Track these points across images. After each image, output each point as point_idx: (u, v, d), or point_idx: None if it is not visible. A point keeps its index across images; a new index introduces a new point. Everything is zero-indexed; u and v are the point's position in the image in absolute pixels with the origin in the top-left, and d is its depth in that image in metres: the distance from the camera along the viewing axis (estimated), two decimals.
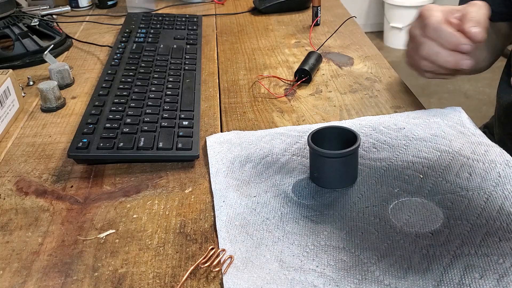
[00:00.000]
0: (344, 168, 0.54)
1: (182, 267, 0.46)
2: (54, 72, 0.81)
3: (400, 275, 0.43)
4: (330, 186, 0.54)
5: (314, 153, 0.54)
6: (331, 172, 0.54)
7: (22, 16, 0.98)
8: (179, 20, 1.03)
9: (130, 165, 0.61)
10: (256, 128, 0.68)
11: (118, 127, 0.63)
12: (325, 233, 0.48)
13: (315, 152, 0.53)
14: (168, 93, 0.72)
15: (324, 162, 0.53)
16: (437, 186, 0.53)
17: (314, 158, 0.54)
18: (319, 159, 0.54)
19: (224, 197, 0.53)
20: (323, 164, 0.53)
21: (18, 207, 0.55)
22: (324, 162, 0.53)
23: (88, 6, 1.25)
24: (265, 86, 0.79)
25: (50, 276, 0.46)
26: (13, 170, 0.62)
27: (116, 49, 0.87)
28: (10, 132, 0.70)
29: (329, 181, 0.54)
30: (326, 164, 0.53)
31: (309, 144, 0.53)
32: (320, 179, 0.54)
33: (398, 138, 0.61)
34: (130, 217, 0.53)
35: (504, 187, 0.52)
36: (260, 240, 0.48)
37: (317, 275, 0.43)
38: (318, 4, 1.02)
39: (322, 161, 0.53)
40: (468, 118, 0.65)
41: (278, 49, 0.94)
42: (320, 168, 0.54)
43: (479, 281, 0.42)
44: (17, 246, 0.50)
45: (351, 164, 0.54)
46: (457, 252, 0.45)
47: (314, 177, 0.55)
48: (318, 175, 0.54)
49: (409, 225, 0.48)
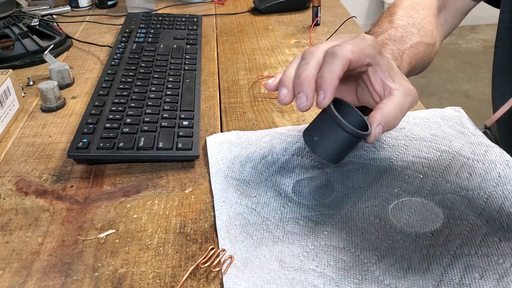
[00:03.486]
0: (347, 146, 0.51)
1: (182, 267, 0.46)
2: (54, 72, 0.81)
3: (400, 275, 0.43)
4: (322, 155, 0.50)
5: (329, 118, 0.49)
6: (335, 144, 0.50)
7: (22, 16, 0.98)
8: (179, 20, 1.03)
9: (130, 165, 0.61)
10: (256, 128, 0.68)
11: (118, 127, 0.63)
12: (325, 233, 0.48)
13: (333, 119, 0.49)
14: (168, 93, 0.72)
15: (336, 132, 0.49)
16: (437, 186, 0.53)
17: (326, 123, 0.50)
18: (331, 126, 0.49)
19: (224, 197, 0.53)
20: (334, 133, 0.49)
21: (18, 207, 0.55)
22: (335, 132, 0.49)
23: (88, 6, 1.25)
24: (265, 86, 0.79)
25: (50, 276, 0.46)
26: (13, 170, 0.62)
27: (116, 49, 0.87)
28: (10, 132, 0.70)
29: (325, 150, 0.50)
30: (337, 135, 0.49)
31: (330, 109, 0.49)
32: (317, 144, 0.50)
33: (398, 138, 0.61)
34: (130, 217, 0.53)
35: (504, 187, 0.52)
36: (260, 240, 0.48)
37: (317, 275, 0.43)
38: (318, 4, 1.02)
39: (334, 130, 0.49)
40: (468, 118, 0.65)
41: (278, 49, 0.94)
42: (326, 135, 0.50)
43: (479, 281, 0.42)
44: (17, 246, 0.50)
45: (352, 146, 0.52)
46: (457, 252, 0.45)
47: (311, 140, 0.51)
48: (319, 140, 0.50)
49: (409, 225, 0.48)
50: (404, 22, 0.70)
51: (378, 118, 0.50)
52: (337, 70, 0.47)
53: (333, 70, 0.47)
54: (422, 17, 0.73)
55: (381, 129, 0.50)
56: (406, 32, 0.67)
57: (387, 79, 0.52)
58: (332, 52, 0.48)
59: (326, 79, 0.47)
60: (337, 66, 0.47)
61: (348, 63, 0.48)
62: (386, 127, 0.51)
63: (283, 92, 0.50)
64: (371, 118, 0.50)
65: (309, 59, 0.49)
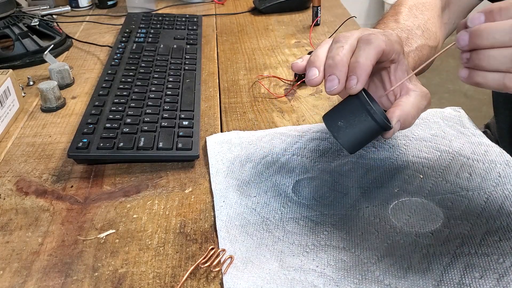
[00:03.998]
0: (370, 137, 0.49)
1: (182, 267, 0.46)
2: (54, 72, 0.81)
3: (400, 275, 0.43)
4: (343, 141, 0.49)
5: (359, 105, 0.48)
6: (360, 132, 0.48)
7: (22, 16, 0.98)
8: (179, 20, 1.03)
9: (130, 165, 0.61)
10: (256, 128, 0.68)
11: (118, 127, 0.63)
12: (325, 233, 0.48)
13: (365, 106, 0.47)
14: (168, 93, 0.72)
15: (365, 120, 0.48)
16: (437, 186, 0.53)
17: (355, 109, 0.48)
18: (360, 113, 0.48)
19: (224, 197, 0.53)
20: (362, 121, 0.48)
21: (18, 207, 0.55)
22: (363, 119, 0.48)
23: (88, 6, 1.25)
24: (265, 86, 0.79)
25: (50, 276, 0.46)
26: (13, 170, 0.62)
27: (116, 49, 0.87)
28: (10, 132, 0.70)
29: (348, 137, 0.49)
30: (365, 123, 0.48)
31: (362, 95, 0.47)
32: (341, 130, 0.49)
33: (398, 138, 0.61)
34: (130, 217, 0.53)
35: (504, 187, 0.52)
36: (260, 240, 0.48)
37: (317, 275, 0.43)
38: (318, 4, 1.02)
39: (363, 118, 0.48)
40: (468, 118, 0.65)
41: (278, 49, 0.94)
42: (352, 122, 0.48)
43: (479, 281, 0.42)
44: (17, 246, 0.50)
45: (374, 137, 0.50)
46: (457, 252, 0.45)
47: (335, 125, 0.49)
48: (344, 125, 0.48)
49: (409, 225, 0.48)
50: (410, 23, 0.70)
51: (397, 114, 0.50)
52: (372, 57, 0.47)
53: (368, 56, 0.47)
54: (427, 18, 0.73)
55: (399, 126, 0.50)
56: (411, 34, 0.67)
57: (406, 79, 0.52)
58: (367, 39, 0.48)
59: (361, 64, 0.46)
60: (372, 53, 0.47)
61: (382, 52, 0.48)
62: (403, 125, 0.50)
63: (314, 73, 0.48)
64: (390, 113, 0.50)
65: (344, 43, 0.48)
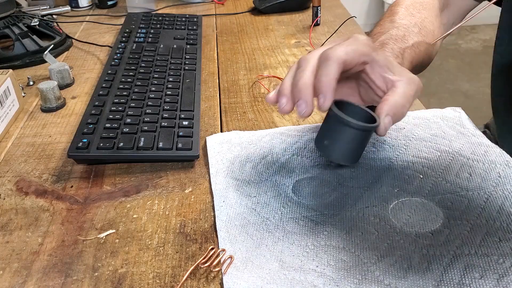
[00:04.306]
0: (360, 143, 0.51)
1: (182, 267, 0.46)
2: (54, 72, 0.81)
3: (400, 275, 0.43)
4: (337, 158, 0.51)
5: (334, 119, 0.50)
6: (347, 143, 0.50)
7: (22, 16, 0.98)
8: (179, 20, 1.03)
9: (130, 165, 0.61)
10: (256, 128, 0.68)
11: (118, 127, 0.63)
12: (325, 233, 0.48)
13: (338, 118, 0.49)
14: (168, 93, 0.72)
15: (344, 131, 0.49)
16: (437, 186, 0.53)
17: (332, 124, 0.50)
18: (338, 127, 0.49)
19: (224, 197, 0.53)
20: (342, 132, 0.49)
21: (18, 207, 0.55)
22: (343, 131, 0.49)
23: (88, 6, 1.25)
24: (265, 86, 0.79)
25: (50, 276, 0.46)
26: (13, 170, 0.62)
27: (116, 49, 0.87)
28: (10, 132, 0.70)
29: (339, 152, 0.50)
30: (346, 134, 0.49)
31: (333, 109, 0.49)
32: (329, 148, 0.50)
33: (398, 138, 0.61)
34: (130, 217, 0.53)
35: (504, 187, 0.52)
36: (260, 240, 0.48)
37: (317, 275, 0.43)
38: (318, 4, 1.02)
39: (342, 130, 0.49)
40: (468, 118, 0.65)
41: (278, 49, 0.94)
42: (336, 137, 0.50)
43: (479, 281, 0.42)
44: (17, 246, 0.50)
45: (365, 142, 0.51)
46: (457, 252, 0.45)
47: (322, 146, 0.51)
48: (330, 143, 0.50)
49: (409, 225, 0.48)
50: (406, 21, 0.70)
51: (385, 109, 0.50)
52: (332, 72, 0.48)
53: (329, 72, 0.48)
54: (424, 16, 0.74)
55: (390, 119, 0.50)
56: (407, 31, 0.68)
57: (387, 73, 0.52)
58: (325, 55, 0.49)
59: (323, 82, 0.48)
60: (332, 68, 0.48)
61: (343, 63, 0.49)
62: (395, 117, 0.51)
63: (282, 102, 0.50)
64: (379, 110, 0.51)
65: (305, 66, 0.50)
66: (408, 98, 0.52)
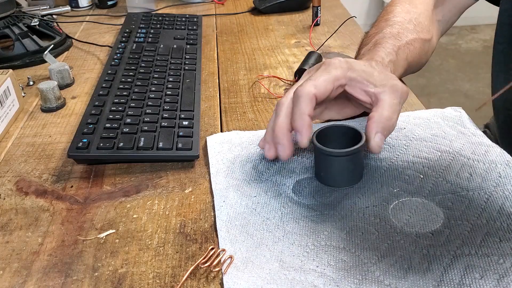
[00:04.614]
0: (351, 166, 0.53)
1: (182, 267, 0.46)
2: (54, 72, 0.81)
3: (401, 275, 0.43)
4: (337, 184, 0.54)
5: (319, 153, 0.53)
6: (339, 171, 0.53)
7: (22, 16, 0.98)
8: (179, 20, 1.03)
9: (130, 165, 0.61)
10: (256, 128, 0.68)
11: (118, 127, 0.63)
12: (325, 233, 0.48)
13: (321, 152, 0.52)
14: (168, 93, 0.72)
15: (331, 161, 0.52)
16: (437, 186, 0.53)
17: (320, 157, 0.54)
18: (325, 158, 0.53)
19: (225, 197, 0.53)
20: (330, 163, 0.53)
21: (18, 207, 0.55)
22: (331, 161, 0.53)
23: (88, 6, 1.25)
24: (265, 86, 0.79)
25: (50, 276, 0.46)
26: (13, 170, 0.61)
27: (116, 49, 0.87)
28: (10, 132, 0.70)
29: (336, 180, 0.54)
30: (333, 163, 0.53)
31: (314, 143, 0.52)
32: (327, 178, 0.54)
33: (398, 138, 0.61)
34: (130, 217, 0.53)
35: (504, 187, 0.52)
36: (260, 240, 0.48)
37: (317, 275, 0.43)
38: (318, 4, 1.02)
39: (329, 160, 0.53)
40: (469, 118, 0.65)
41: (278, 49, 0.94)
42: (327, 168, 0.53)
43: (480, 281, 0.42)
44: (17, 246, 0.50)
45: (357, 162, 0.54)
46: (458, 252, 0.45)
47: (320, 177, 0.55)
48: (325, 174, 0.54)
49: (410, 225, 0.48)
50: (401, 18, 0.71)
51: (373, 127, 0.52)
52: (304, 110, 0.51)
53: (301, 111, 0.51)
54: (420, 11, 0.74)
55: (380, 136, 0.52)
56: (402, 28, 0.68)
57: (368, 87, 0.54)
58: (296, 94, 0.52)
59: (296, 122, 0.51)
60: (304, 106, 0.51)
61: (314, 98, 0.52)
62: (385, 132, 0.52)
63: (266, 148, 0.55)
64: (367, 129, 0.52)
65: (279, 111, 0.53)
66: (393, 107, 0.53)
